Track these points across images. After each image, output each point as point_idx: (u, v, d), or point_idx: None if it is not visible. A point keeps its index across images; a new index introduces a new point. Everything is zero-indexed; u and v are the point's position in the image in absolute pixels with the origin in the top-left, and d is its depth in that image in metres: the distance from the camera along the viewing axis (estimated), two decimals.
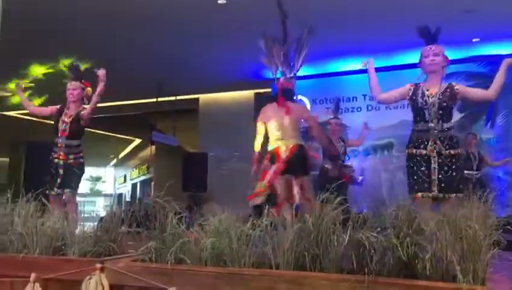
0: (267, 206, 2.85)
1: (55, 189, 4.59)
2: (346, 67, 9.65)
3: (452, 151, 3.63)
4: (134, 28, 7.73)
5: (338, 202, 2.47)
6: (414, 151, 3.69)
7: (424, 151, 3.64)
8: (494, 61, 8.63)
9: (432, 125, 3.65)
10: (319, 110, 9.75)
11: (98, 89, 4.55)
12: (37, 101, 8.71)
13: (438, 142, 3.63)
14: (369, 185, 8.95)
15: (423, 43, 3.85)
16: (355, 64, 9.48)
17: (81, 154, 4.75)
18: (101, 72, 4.52)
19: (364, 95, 9.67)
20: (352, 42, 8.24)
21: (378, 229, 2.30)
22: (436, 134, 3.64)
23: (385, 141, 9.33)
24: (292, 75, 4.49)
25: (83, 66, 5.02)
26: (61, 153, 4.65)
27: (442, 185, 3.57)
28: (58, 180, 4.60)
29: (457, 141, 3.73)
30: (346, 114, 9.46)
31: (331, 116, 6.85)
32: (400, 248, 2.13)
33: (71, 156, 4.67)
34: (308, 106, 10.19)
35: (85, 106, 4.74)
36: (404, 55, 8.74)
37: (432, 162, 3.61)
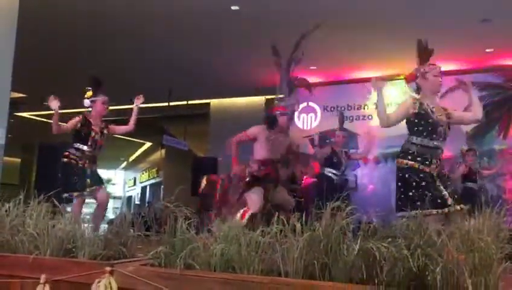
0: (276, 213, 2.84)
1: (88, 189, 4.67)
2: (356, 74, 9.63)
3: (446, 172, 3.67)
4: (147, 33, 7.79)
5: (348, 211, 2.46)
6: (417, 165, 3.53)
7: (427, 169, 3.52)
8: (508, 71, 8.60)
9: (437, 144, 3.58)
10: (329, 117, 9.77)
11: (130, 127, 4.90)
12: None
13: (438, 161, 3.57)
14: (379, 194, 8.93)
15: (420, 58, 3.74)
16: (365, 72, 9.49)
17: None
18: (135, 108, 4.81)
19: (375, 103, 9.63)
20: (362, 50, 8.23)
21: (389, 239, 2.29)
22: (439, 153, 3.59)
23: (395, 150, 9.26)
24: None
25: None
26: (87, 161, 4.73)
27: (455, 196, 3.50)
28: (88, 180, 4.69)
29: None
30: (357, 122, 9.46)
31: (336, 128, 6.91)
32: (410, 259, 2.11)
33: (94, 166, 4.81)
34: (319, 113, 10.22)
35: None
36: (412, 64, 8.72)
37: (436, 179, 3.52)
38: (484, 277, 2.04)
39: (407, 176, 3.56)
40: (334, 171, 6.64)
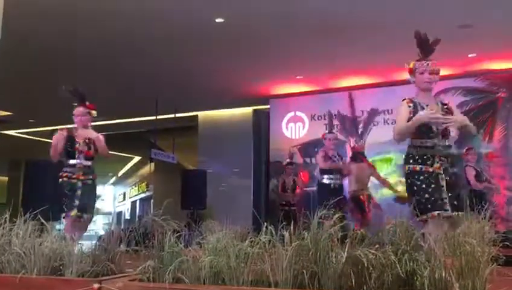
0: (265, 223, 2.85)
1: (75, 211, 4.61)
2: (343, 83, 9.71)
3: (455, 169, 3.56)
4: (133, 47, 7.79)
5: (337, 218, 2.47)
6: (418, 168, 3.50)
7: (430, 169, 3.47)
8: (491, 76, 8.73)
9: (436, 141, 3.53)
10: (317, 126, 9.82)
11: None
12: None
13: (443, 159, 3.51)
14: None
15: (419, 52, 3.69)
16: (351, 80, 9.57)
17: (95, 175, 4.84)
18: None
19: (362, 111, 9.71)
20: (347, 58, 8.31)
21: (377, 246, 2.30)
22: (441, 150, 3.53)
23: (385, 156, 9.33)
24: None
25: None
26: (80, 173, 4.70)
27: (455, 203, 3.43)
28: (76, 201, 4.62)
29: (454, 159, 3.65)
30: None
31: (326, 131, 6.89)
32: (398, 265, 2.12)
33: (90, 177, 4.74)
34: (307, 123, 10.26)
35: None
36: (402, 71, 8.82)
37: (440, 179, 3.46)
38: (471, 279, 2.06)
39: (409, 181, 3.54)
40: (330, 176, 6.57)
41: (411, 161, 3.57)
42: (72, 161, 4.73)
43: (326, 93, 10.04)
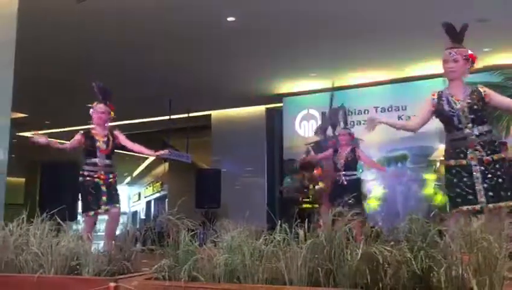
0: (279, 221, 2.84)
1: (102, 206, 4.64)
2: (356, 80, 9.66)
3: (495, 157, 3.33)
4: (146, 48, 7.83)
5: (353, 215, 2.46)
6: (452, 162, 3.39)
7: (464, 161, 3.34)
8: (507, 70, 8.59)
9: (468, 131, 3.37)
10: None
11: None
12: None
13: (479, 147, 3.33)
14: (382, 199, 8.90)
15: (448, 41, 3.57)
16: (365, 77, 9.51)
17: (115, 174, 4.88)
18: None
19: (376, 107, 9.65)
20: (362, 55, 8.25)
21: (392, 243, 2.28)
22: (475, 139, 3.35)
23: (399, 153, 9.26)
24: None
25: None
26: (102, 173, 4.72)
27: (490, 194, 3.26)
28: (104, 198, 4.65)
29: (499, 144, 3.44)
30: (358, 127, 9.45)
31: (345, 127, 6.79)
32: (414, 262, 2.10)
33: (111, 175, 4.77)
34: (320, 120, 10.22)
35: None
36: (415, 67, 8.75)
37: (474, 171, 3.31)
38: (489, 276, 2.03)
39: (445, 176, 3.45)
40: (345, 173, 6.44)
41: (446, 157, 3.48)
42: (93, 160, 4.73)
43: (339, 90, 9.98)
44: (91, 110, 4.88)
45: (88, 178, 4.70)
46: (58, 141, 4.82)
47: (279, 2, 6.45)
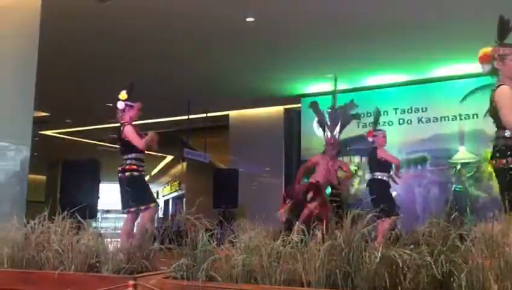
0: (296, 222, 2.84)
1: (154, 203, 4.66)
2: (376, 81, 9.58)
3: None
4: (165, 48, 7.89)
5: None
6: (504, 161, 3.09)
7: None
8: None
9: None
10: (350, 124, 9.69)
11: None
12: None
13: None
14: (401, 201, 8.78)
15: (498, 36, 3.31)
16: (384, 78, 9.43)
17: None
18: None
19: (396, 109, 9.55)
20: (381, 56, 8.18)
21: (412, 246, 2.26)
22: None
23: (418, 155, 9.15)
24: None
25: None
26: (144, 166, 4.77)
27: None
28: (152, 193, 4.72)
29: None
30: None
31: (376, 128, 6.63)
32: (433, 266, 2.08)
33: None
34: None
35: None
36: (435, 68, 8.65)
37: None
38: (510, 281, 2.00)
39: (497, 177, 3.18)
40: (384, 174, 6.30)
41: (497, 155, 3.19)
42: (139, 155, 4.72)
43: (358, 91, 9.91)
44: (123, 103, 4.74)
45: (143, 173, 4.74)
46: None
47: (297, 3, 6.43)
